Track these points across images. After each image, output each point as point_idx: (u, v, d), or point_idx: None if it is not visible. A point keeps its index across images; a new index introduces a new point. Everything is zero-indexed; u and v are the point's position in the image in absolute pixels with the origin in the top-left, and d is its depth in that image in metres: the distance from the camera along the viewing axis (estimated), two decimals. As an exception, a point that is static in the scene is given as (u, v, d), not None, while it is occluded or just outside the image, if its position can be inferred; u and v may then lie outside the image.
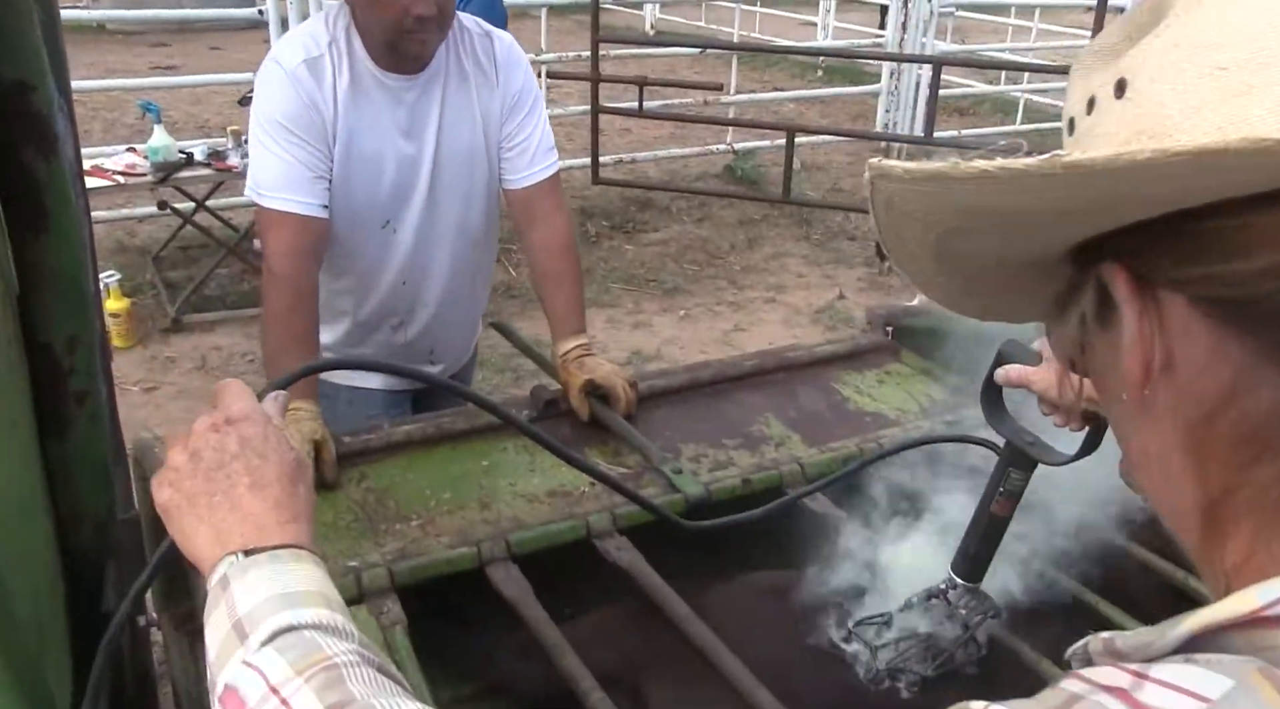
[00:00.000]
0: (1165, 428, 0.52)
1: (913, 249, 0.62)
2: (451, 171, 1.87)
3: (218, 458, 0.77)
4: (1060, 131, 0.58)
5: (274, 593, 0.68)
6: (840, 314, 5.74)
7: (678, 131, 8.73)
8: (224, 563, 0.72)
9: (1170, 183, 0.44)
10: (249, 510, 0.75)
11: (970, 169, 0.47)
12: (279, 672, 0.63)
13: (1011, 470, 1.20)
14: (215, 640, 0.67)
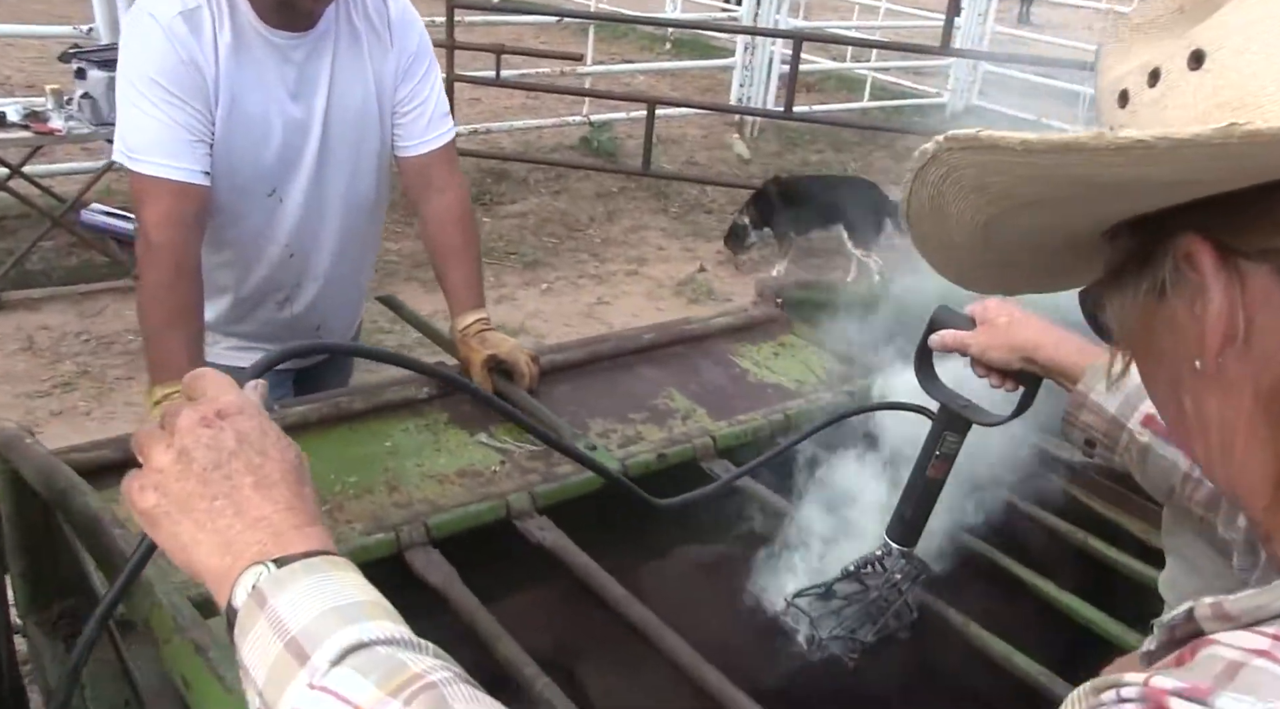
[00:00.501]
0: (1235, 396, 0.53)
1: (950, 226, 0.61)
2: (342, 136, 1.76)
3: (213, 457, 0.69)
4: (901, 107, 0.58)
5: (327, 607, 0.61)
6: (702, 287, 5.78)
7: (529, 102, 8.61)
8: (249, 575, 0.65)
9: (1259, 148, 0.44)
10: (258, 514, 0.68)
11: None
12: (365, 695, 0.57)
13: (947, 434, 1.22)
14: (262, 662, 0.60)
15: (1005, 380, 1.19)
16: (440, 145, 1.86)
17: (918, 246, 0.68)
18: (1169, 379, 0.58)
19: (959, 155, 0.54)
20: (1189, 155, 0.45)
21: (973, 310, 1.22)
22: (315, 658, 0.59)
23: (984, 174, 0.54)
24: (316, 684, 0.58)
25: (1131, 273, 0.58)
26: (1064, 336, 1.15)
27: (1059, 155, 0.49)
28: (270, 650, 0.60)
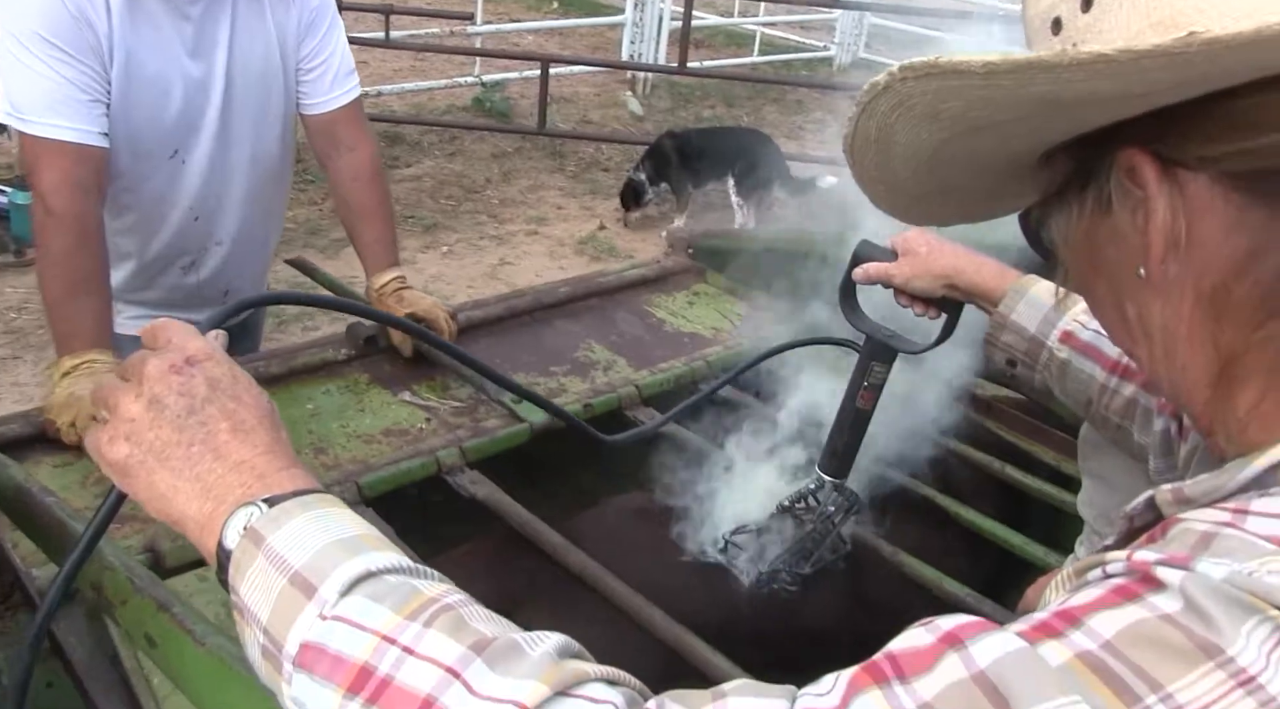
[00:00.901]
0: (1176, 301, 0.56)
1: (894, 158, 0.63)
2: (245, 95, 1.71)
3: (187, 403, 0.68)
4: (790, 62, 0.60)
5: (329, 541, 0.60)
6: (604, 244, 5.78)
7: (418, 64, 8.43)
8: (239, 516, 0.63)
9: (1241, 64, 0.47)
10: (238, 458, 0.67)
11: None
12: (383, 619, 0.56)
13: (874, 364, 1.25)
14: (265, 600, 0.59)
15: (929, 308, 1.23)
16: (347, 102, 1.82)
17: (858, 180, 0.70)
18: (1112, 290, 0.61)
19: (913, 84, 0.55)
20: (1147, 66, 0.47)
21: (893, 241, 1.25)
22: (323, 589, 0.58)
23: (938, 100, 0.56)
24: (328, 614, 0.57)
25: (1074, 190, 0.60)
26: (983, 261, 1.19)
27: (1021, 74, 0.50)
28: (273, 586, 0.59)
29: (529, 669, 0.52)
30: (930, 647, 0.48)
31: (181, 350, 0.70)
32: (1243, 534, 0.47)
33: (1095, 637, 0.45)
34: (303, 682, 0.56)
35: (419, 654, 0.54)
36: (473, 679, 0.52)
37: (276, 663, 0.58)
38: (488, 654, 0.53)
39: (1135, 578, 0.47)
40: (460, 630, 0.55)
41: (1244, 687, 0.41)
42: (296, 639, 0.57)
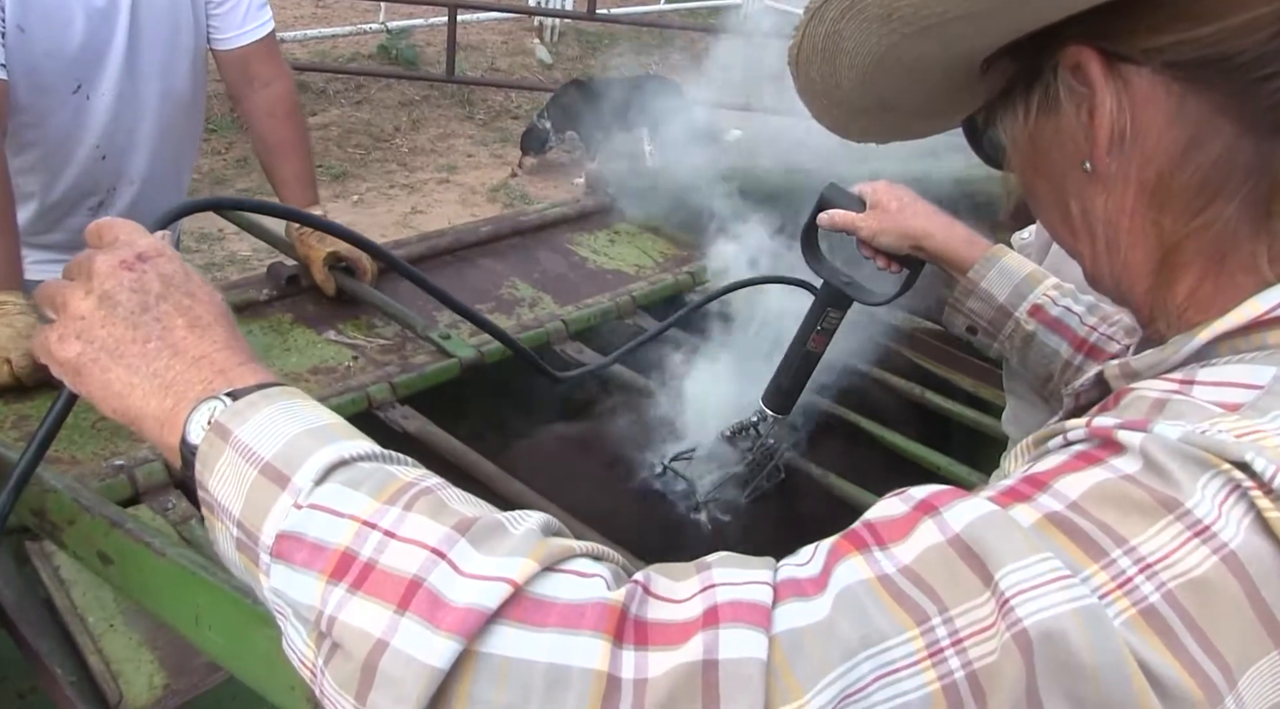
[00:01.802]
0: (1120, 193, 0.59)
1: (840, 68, 0.65)
2: (152, 26, 1.65)
3: (140, 299, 0.66)
4: None
5: (298, 430, 0.58)
6: (516, 192, 5.74)
7: (319, 10, 8.20)
8: (202, 410, 0.61)
9: None
10: (197, 353, 0.65)
11: None
12: (361, 505, 0.54)
13: (829, 309, 1.26)
14: (236, 492, 0.57)
15: (890, 263, 1.23)
16: (261, 36, 1.77)
17: (801, 92, 0.72)
18: (1055, 188, 0.64)
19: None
20: None
21: (861, 189, 1.24)
22: (297, 478, 0.56)
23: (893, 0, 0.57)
24: (303, 503, 0.55)
25: (1020, 92, 0.63)
26: (953, 226, 1.19)
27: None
28: (244, 477, 0.58)
29: (515, 546, 0.51)
30: (906, 515, 0.50)
31: (131, 246, 0.68)
32: (1192, 399, 0.51)
33: (1062, 498, 0.47)
34: (281, 572, 0.54)
35: (401, 537, 0.52)
36: (458, 558, 0.51)
37: (253, 555, 0.57)
38: (472, 534, 0.52)
39: (1096, 443, 0.49)
40: (441, 512, 0.54)
41: (1199, 536, 0.44)
42: (272, 530, 0.55)
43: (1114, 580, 0.44)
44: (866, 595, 0.47)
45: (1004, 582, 0.44)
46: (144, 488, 1.23)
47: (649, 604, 0.50)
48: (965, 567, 0.46)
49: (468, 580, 0.50)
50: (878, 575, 0.47)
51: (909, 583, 0.47)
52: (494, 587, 0.49)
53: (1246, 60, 0.52)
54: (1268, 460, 0.45)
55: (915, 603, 0.46)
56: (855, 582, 0.47)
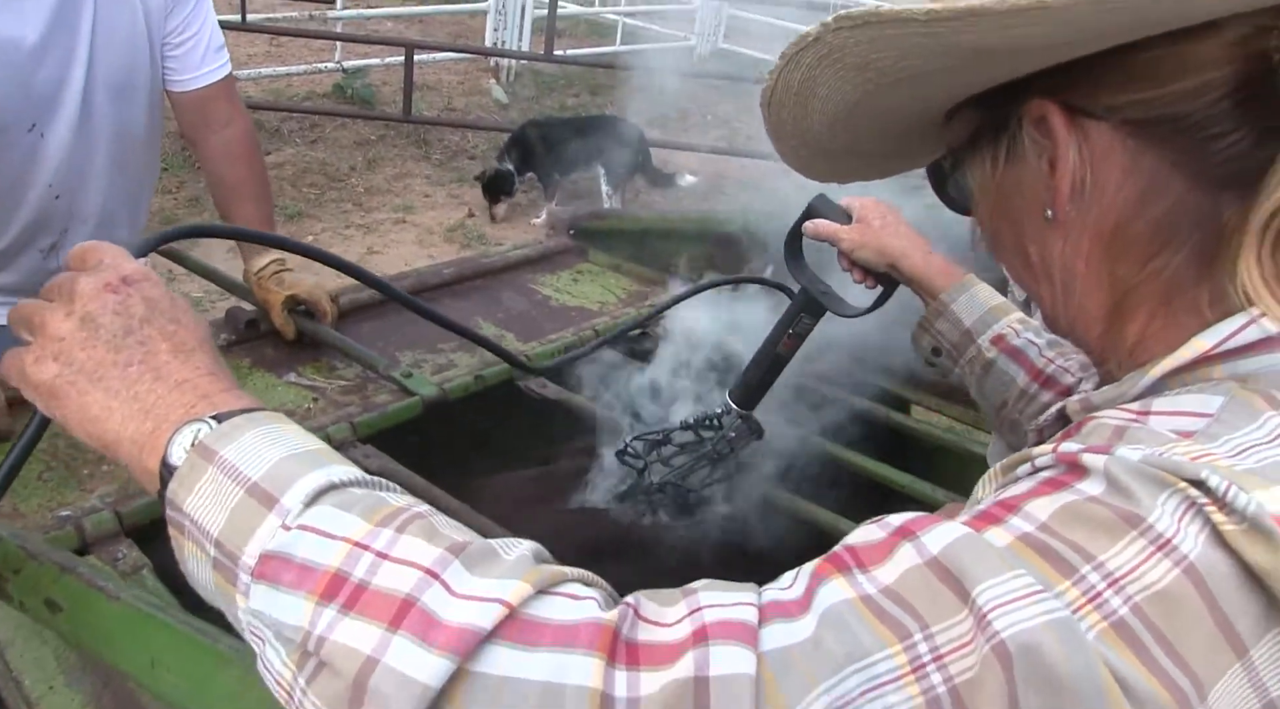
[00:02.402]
0: (1077, 241, 0.63)
1: (812, 112, 0.67)
2: (109, 66, 1.63)
3: (124, 322, 0.65)
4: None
5: (286, 453, 0.58)
6: (473, 232, 5.74)
7: (273, 49, 8.18)
8: (185, 432, 0.60)
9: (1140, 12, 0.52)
10: (180, 378, 0.64)
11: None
12: (353, 527, 0.53)
13: (803, 315, 1.28)
14: (219, 509, 0.56)
15: (866, 278, 1.26)
16: (219, 78, 1.76)
17: (771, 133, 0.74)
18: (1017, 233, 0.67)
19: (847, 34, 0.58)
20: (1079, 14, 0.51)
21: (847, 202, 1.27)
22: (285, 499, 0.56)
23: (872, 50, 0.59)
24: (292, 524, 0.55)
25: (986, 141, 0.66)
26: (931, 252, 1.22)
27: (961, 21, 0.54)
28: (228, 497, 0.57)
29: (508, 569, 0.52)
30: (885, 540, 0.51)
31: (116, 270, 0.67)
32: (1149, 427, 0.54)
33: (1033, 520, 0.50)
34: (264, 592, 0.54)
35: (394, 558, 0.52)
36: (452, 580, 0.51)
37: (230, 575, 0.56)
38: (465, 556, 0.53)
39: (1063, 468, 0.52)
40: (434, 535, 0.54)
41: (1161, 550, 0.47)
42: (256, 550, 0.54)
43: (1084, 595, 0.47)
44: (850, 614, 0.48)
45: (981, 598, 0.46)
46: (92, 538, 1.20)
47: (640, 626, 0.51)
48: (943, 586, 0.48)
49: (462, 601, 0.50)
50: (860, 595, 0.49)
51: (890, 602, 0.48)
52: (488, 607, 0.49)
53: (1197, 121, 0.56)
54: (1221, 478, 0.48)
55: (897, 620, 0.48)
56: (839, 601, 0.49)
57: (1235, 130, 0.56)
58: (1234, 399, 0.54)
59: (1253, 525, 0.47)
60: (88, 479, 1.34)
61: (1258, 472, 0.49)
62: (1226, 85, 0.55)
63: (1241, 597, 0.47)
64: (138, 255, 0.72)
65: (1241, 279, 0.55)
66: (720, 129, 8.35)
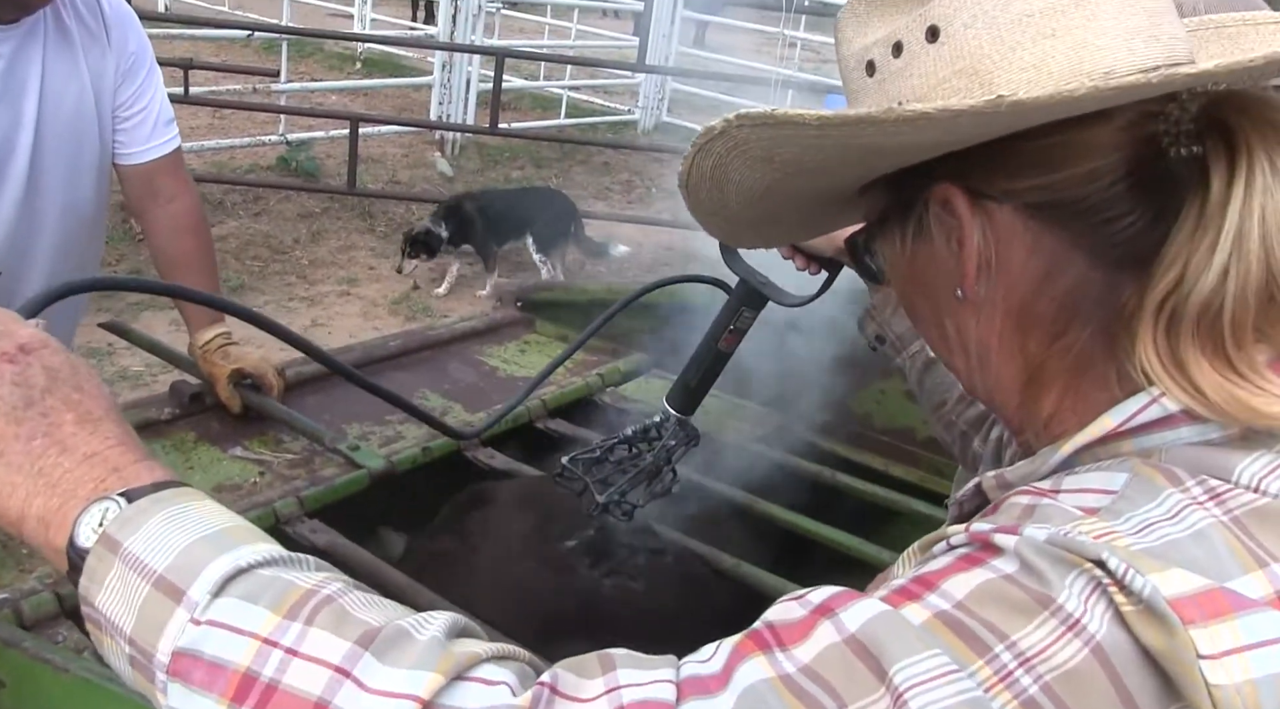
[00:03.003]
0: (988, 317, 0.65)
1: (728, 192, 0.70)
2: (57, 141, 1.63)
3: (24, 394, 0.62)
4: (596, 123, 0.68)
5: (192, 539, 0.56)
6: (418, 304, 5.74)
7: (216, 122, 8.18)
8: (93, 512, 0.59)
9: (1038, 117, 0.55)
10: (88, 451, 0.62)
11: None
12: (259, 620, 0.53)
13: (744, 309, 1.25)
14: (127, 607, 0.55)
15: (810, 264, 1.22)
16: (168, 152, 1.77)
17: (693, 211, 0.76)
18: (932, 307, 0.69)
19: (749, 131, 0.60)
20: (962, 123, 0.55)
21: None
22: (192, 591, 0.54)
23: (773, 146, 0.61)
24: (200, 619, 0.54)
25: (895, 219, 0.69)
26: None
27: (851, 127, 0.57)
28: (135, 593, 0.55)
29: (420, 658, 0.52)
30: (805, 618, 0.52)
31: (11, 337, 0.65)
32: (1058, 503, 0.56)
33: (949, 598, 0.51)
34: (179, 691, 0.53)
35: (303, 655, 0.52)
36: (363, 675, 0.51)
37: (148, 673, 0.55)
38: (375, 646, 0.52)
39: (977, 547, 0.54)
40: (344, 624, 0.53)
41: (1071, 630, 0.48)
42: (168, 647, 0.54)
43: (996, 675, 0.48)
44: (769, 693, 0.49)
45: (898, 678, 0.48)
46: (30, 620, 1.18)
47: (556, 703, 0.51)
48: (861, 665, 0.49)
49: (373, 698, 0.50)
50: (779, 675, 0.50)
51: (809, 681, 0.49)
52: (401, 705, 0.49)
53: (1093, 204, 0.59)
54: (1119, 560, 0.49)
55: (816, 700, 0.49)
56: (758, 680, 0.50)
57: (1130, 212, 0.59)
58: (1136, 477, 0.55)
59: (1148, 608, 0.48)
60: (26, 559, 1.31)
61: (1155, 552, 0.50)
62: (1119, 170, 0.58)
63: (1141, 675, 0.48)
64: (28, 316, 0.69)
65: (1140, 360, 0.58)
66: (665, 201, 8.47)
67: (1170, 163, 0.57)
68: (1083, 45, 0.57)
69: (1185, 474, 0.55)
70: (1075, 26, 0.58)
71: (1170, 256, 0.56)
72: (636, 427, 1.34)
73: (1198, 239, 0.55)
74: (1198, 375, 0.56)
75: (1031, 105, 0.53)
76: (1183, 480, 0.55)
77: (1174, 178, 0.57)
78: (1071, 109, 0.54)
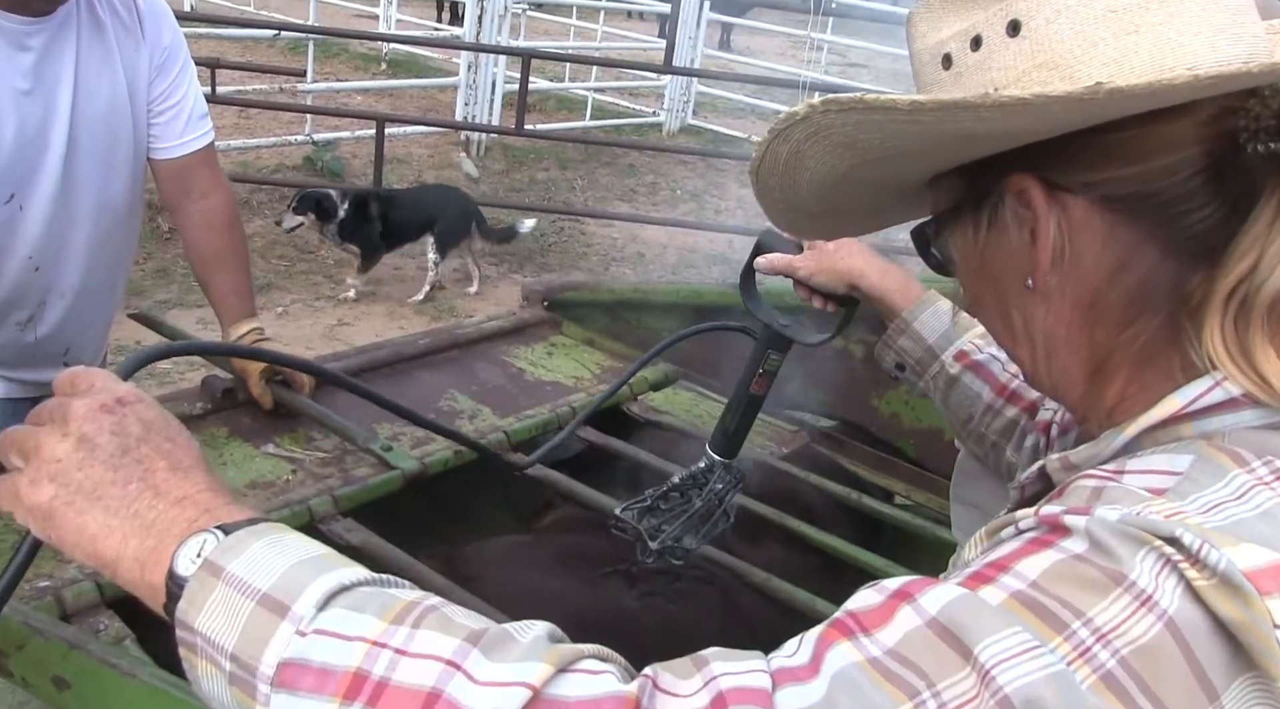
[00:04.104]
0: (1058, 308, 0.66)
1: (800, 180, 0.70)
2: (91, 136, 1.63)
3: (120, 442, 0.66)
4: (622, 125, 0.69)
5: (292, 562, 0.59)
6: (444, 305, 5.75)
7: (241, 122, 8.23)
8: (190, 545, 0.61)
9: (1129, 108, 0.56)
10: (179, 494, 0.65)
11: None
12: (369, 626, 0.55)
13: (770, 352, 1.27)
14: (230, 626, 0.57)
15: (826, 303, 1.26)
16: (201, 147, 1.77)
17: (760, 197, 0.77)
18: (999, 298, 0.70)
19: (835, 116, 0.61)
20: (1056, 110, 0.55)
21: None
22: (297, 607, 0.56)
23: (857, 132, 0.63)
24: (307, 630, 0.56)
25: (968, 210, 0.69)
26: (888, 267, 1.23)
27: (944, 113, 0.58)
28: (239, 611, 0.57)
29: (526, 652, 0.53)
30: (885, 603, 0.54)
31: (111, 392, 0.69)
32: (1124, 486, 0.57)
33: (1023, 579, 0.52)
34: (284, 701, 0.55)
35: (413, 653, 0.54)
36: (473, 669, 0.53)
37: (249, 688, 0.56)
38: (483, 644, 0.54)
39: (1046, 529, 0.55)
40: (450, 627, 0.55)
41: (1144, 606, 0.50)
42: (273, 659, 0.55)
43: (1075, 650, 0.49)
44: (860, 676, 0.50)
45: (983, 655, 0.49)
46: (73, 610, 1.18)
47: (658, 698, 0.52)
48: (945, 646, 0.50)
49: (485, 688, 0.52)
50: (867, 658, 0.51)
51: (896, 663, 0.50)
52: (513, 691, 0.51)
53: (1169, 197, 0.60)
54: (1194, 536, 0.50)
55: (905, 680, 0.50)
56: (848, 664, 0.51)
57: (1207, 205, 0.60)
58: (1202, 458, 0.57)
59: (1223, 581, 0.49)
60: (65, 551, 1.32)
61: (1225, 529, 0.52)
62: (1197, 163, 0.59)
63: (1213, 647, 0.49)
64: (125, 376, 0.74)
65: (1206, 347, 0.59)
66: (689, 203, 8.47)
67: (1248, 158, 0.58)
68: (1165, 42, 0.58)
69: (1251, 456, 0.56)
70: (1158, 23, 0.58)
71: (1244, 247, 0.58)
72: (684, 473, 1.37)
73: (1275, 231, 0.57)
74: (1264, 363, 0.57)
75: (1129, 93, 0.53)
76: (1248, 462, 0.56)
77: (1251, 173, 0.58)
78: (1167, 98, 0.55)
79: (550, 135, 8.39)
